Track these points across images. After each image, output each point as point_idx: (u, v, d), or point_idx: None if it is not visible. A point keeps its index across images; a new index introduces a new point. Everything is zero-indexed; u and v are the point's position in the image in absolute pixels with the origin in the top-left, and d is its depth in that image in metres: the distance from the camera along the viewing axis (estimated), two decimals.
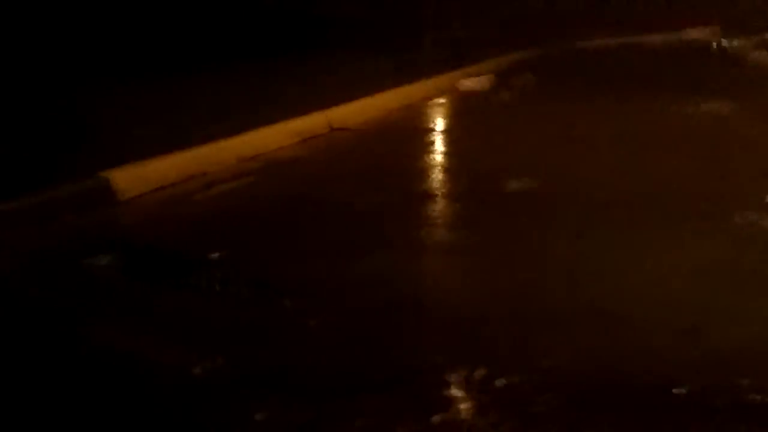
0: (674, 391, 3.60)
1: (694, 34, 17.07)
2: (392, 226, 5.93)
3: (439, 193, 6.85)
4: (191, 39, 12.03)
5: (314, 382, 3.74)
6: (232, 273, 4.75)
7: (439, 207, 6.49)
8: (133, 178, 6.55)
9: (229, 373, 3.78)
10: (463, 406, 3.62)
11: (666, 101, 10.55)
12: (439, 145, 8.87)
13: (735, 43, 15.96)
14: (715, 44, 16.13)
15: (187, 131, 7.68)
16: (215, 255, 5.15)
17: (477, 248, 5.51)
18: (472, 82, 11.87)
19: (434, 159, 8.15)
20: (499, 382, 3.71)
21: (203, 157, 7.28)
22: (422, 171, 7.61)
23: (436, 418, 3.45)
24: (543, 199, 6.51)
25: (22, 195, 5.87)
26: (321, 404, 3.54)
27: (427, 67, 11.93)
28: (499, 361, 3.90)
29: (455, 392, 3.69)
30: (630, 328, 4.27)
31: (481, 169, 7.47)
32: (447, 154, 8.39)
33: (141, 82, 9.80)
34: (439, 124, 10.02)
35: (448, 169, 7.68)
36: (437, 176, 7.52)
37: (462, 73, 12.31)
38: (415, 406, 3.56)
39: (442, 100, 11.01)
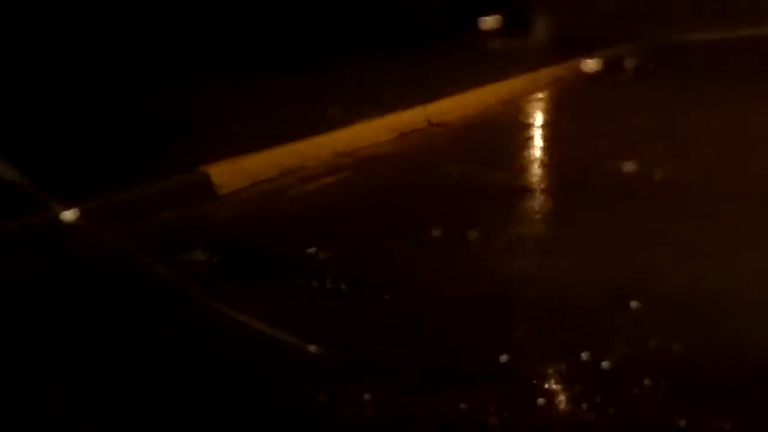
0: None
1: None
2: (491, 221, 5.84)
3: (538, 188, 6.76)
4: (288, 34, 12.09)
5: (413, 372, 3.71)
6: (328, 269, 4.73)
7: (537, 201, 6.40)
8: (231, 173, 6.59)
9: (328, 362, 3.77)
10: (569, 390, 3.61)
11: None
12: (537, 140, 8.76)
13: None
14: None
15: (284, 126, 7.70)
16: (312, 250, 5.13)
17: (578, 240, 5.42)
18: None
19: (533, 154, 8.05)
20: (605, 364, 3.68)
21: (300, 152, 7.29)
22: (521, 165, 7.52)
23: (541, 402, 3.43)
24: (643, 193, 6.34)
25: (123, 189, 5.94)
26: (421, 393, 3.52)
27: (525, 62, 11.78)
28: (604, 346, 3.87)
29: (561, 378, 3.68)
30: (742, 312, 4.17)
31: (579, 164, 7.33)
32: (545, 149, 8.27)
33: (238, 77, 9.88)
34: (538, 118, 9.89)
35: (546, 165, 7.58)
36: (536, 171, 7.42)
37: (561, 68, 12.13)
38: (519, 391, 3.59)
39: (540, 95, 10.86)
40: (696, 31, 15.95)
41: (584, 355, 3.81)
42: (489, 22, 14.29)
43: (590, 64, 12.65)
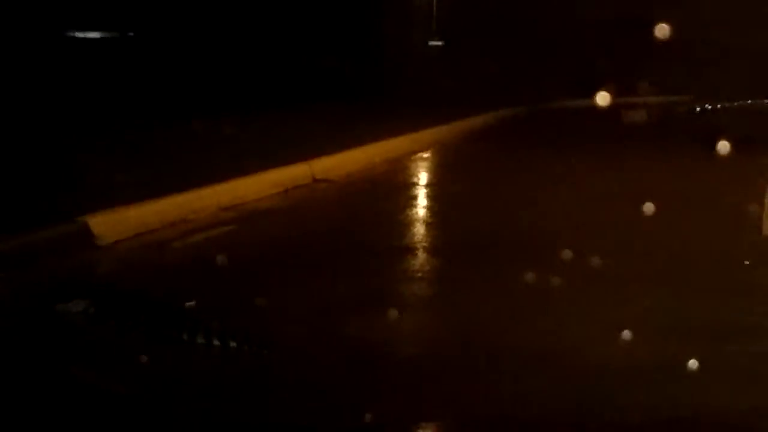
0: None
1: (670, 100, 17.68)
2: (368, 279, 5.90)
3: (419, 247, 6.86)
4: (177, 89, 12.10)
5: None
6: (204, 323, 4.72)
7: (417, 261, 6.49)
8: (112, 224, 6.54)
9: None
10: None
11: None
12: (420, 198, 8.92)
13: (706, 107, 16.89)
14: (693, 109, 16.91)
15: (168, 178, 7.69)
16: (190, 303, 5.13)
17: (450, 302, 5.53)
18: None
19: (414, 213, 8.19)
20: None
21: (184, 205, 7.28)
22: (402, 225, 7.63)
23: None
24: (517, 252, 6.49)
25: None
26: None
27: (412, 122, 11.98)
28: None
29: None
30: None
31: (461, 224, 7.49)
32: (426, 208, 8.43)
33: (124, 129, 9.84)
34: (421, 178, 10.07)
35: (428, 224, 7.72)
36: (416, 230, 7.54)
37: (447, 128, 12.38)
38: None
39: (425, 155, 11.07)
40: (572, 99, 16.52)
41: (451, 413, 3.89)
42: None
43: (473, 125, 12.97)
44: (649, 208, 6.42)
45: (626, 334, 4.74)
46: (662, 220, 7.45)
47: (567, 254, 6.37)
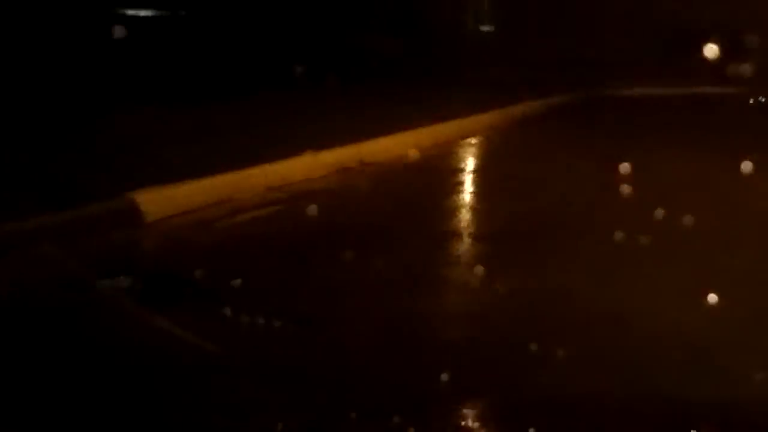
0: None
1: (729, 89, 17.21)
2: (415, 263, 5.86)
3: (467, 232, 6.80)
4: (229, 67, 12.12)
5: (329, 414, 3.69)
6: (249, 302, 4.70)
7: (464, 245, 6.44)
8: (159, 201, 6.55)
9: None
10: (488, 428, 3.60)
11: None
12: (468, 184, 8.84)
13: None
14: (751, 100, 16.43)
15: (217, 157, 7.69)
16: (235, 283, 5.11)
17: (500, 284, 5.45)
18: None
19: (462, 198, 8.11)
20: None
21: (231, 184, 7.28)
22: (450, 209, 7.58)
23: None
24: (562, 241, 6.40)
25: (47, 212, 5.87)
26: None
27: (462, 107, 11.90)
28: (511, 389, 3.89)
29: (480, 416, 3.66)
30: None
31: (508, 211, 7.40)
32: (475, 193, 8.35)
33: (176, 106, 9.86)
34: (470, 163, 9.99)
35: (475, 209, 7.65)
36: (464, 215, 7.48)
37: (499, 114, 12.28)
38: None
39: (475, 140, 10.98)
40: (634, 87, 16.26)
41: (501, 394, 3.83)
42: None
43: (526, 111, 12.85)
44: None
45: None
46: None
47: (622, 237, 6.22)
